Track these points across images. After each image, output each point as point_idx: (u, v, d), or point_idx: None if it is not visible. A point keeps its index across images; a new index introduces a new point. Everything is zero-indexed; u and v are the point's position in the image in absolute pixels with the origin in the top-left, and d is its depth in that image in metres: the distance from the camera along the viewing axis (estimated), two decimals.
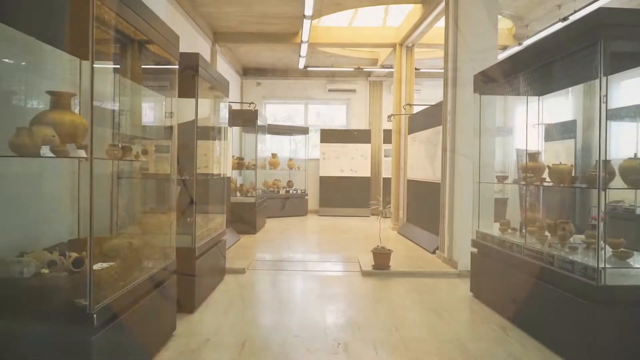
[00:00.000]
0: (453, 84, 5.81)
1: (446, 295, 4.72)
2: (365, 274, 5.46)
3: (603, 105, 2.87)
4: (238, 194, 8.87)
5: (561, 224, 3.90)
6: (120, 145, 3.24)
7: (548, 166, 3.74)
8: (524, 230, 4.21)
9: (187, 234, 4.07)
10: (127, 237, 3.50)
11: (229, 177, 7.62)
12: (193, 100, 4.23)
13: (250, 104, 7.22)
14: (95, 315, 2.19)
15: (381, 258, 5.53)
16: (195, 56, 3.96)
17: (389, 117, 12.23)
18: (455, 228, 5.73)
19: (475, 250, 4.67)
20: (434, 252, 6.55)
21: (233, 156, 8.83)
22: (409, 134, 8.88)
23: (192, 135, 4.21)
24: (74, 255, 2.59)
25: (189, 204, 5.19)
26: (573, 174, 3.60)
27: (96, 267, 2.88)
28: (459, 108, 5.70)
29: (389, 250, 5.60)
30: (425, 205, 7.59)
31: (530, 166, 4.03)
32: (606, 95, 2.83)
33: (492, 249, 4.24)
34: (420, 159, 7.91)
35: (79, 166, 3.37)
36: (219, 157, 5.38)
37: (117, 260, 2.96)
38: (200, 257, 4.11)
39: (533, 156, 4.10)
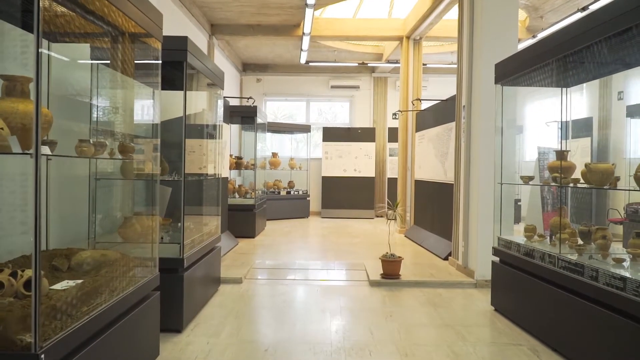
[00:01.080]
0: (468, 76, 5.33)
1: (465, 309, 4.24)
2: (373, 283, 5.00)
3: None
4: (236, 195, 8.41)
5: (599, 231, 3.42)
6: (91, 142, 2.78)
7: (586, 165, 3.26)
8: (554, 238, 3.74)
9: (175, 242, 3.61)
10: (101, 249, 3.03)
11: (226, 178, 7.16)
12: (182, 92, 3.77)
13: (248, 99, 6.75)
14: (43, 356, 1.73)
15: (391, 266, 5.06)
16: (182, 40, 3.49)
17: (394, 114, 11.79)
18: (471, 233, 5.26)
19: (496, 259, 4.20)
20: (446, 259, 6.08)
21: (231, 155, 8.37)
22: (416, 131, 8.40)
23: (182, 132, 3.72)
24: (27, 274, 2.12)
25: (178, 208, 4.74)
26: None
27: (58, 286, 2.41)
28: (475, 102, 5.22)
29: (399, 257, 5.12)
30: (435, 208, 7.12)
31: (557, 165, 3.57)
32: None
33: (519, 259, 3.76)
34: (430, 158, 7.44)
35: (47, 165, 2.89)
36: (213, 157, 4.91)
37: (87, 278, 2.49)
38: (189, 269, 3.64)
39: (562, 154, 3.63)
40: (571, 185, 3.53)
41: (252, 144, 9.01)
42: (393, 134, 11.22)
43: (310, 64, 10.78)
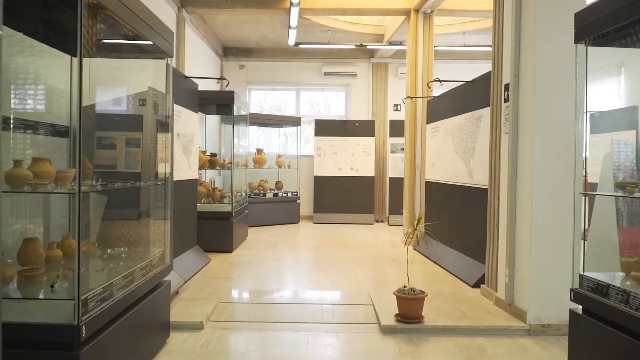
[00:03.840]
0: (515, 39, 3.91)
1: None
2: (386, 329, 3.58)
3: None
4: (211, 200, 6.95)
5: None
6: None
7: None
8: None
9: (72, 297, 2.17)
10: None
11: (195, 180, 5.71)
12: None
13: (220, 79, 5.25)
14: None
15: (411, 307, 3.64)
16: None
17: (394, 107, 10.38)
18: (519, 258, 3.86)
19: (578, 306, 2.80)
20: (476, 286, 4.69)
21: (204, 152, 6.91)
22: (428, 123, 6.99)
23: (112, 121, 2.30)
24: None
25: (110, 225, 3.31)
26: None
27: None
28: (528, 77, 3.81)
29: (422, 293, 3.71)
30: (455, 217, 5.71)
31: None
32: None
33: (625, 315, 2.36)
34: (447, 154, 6.04)
35: None
36: (166, 153, 3.47)
37: None
38: (97, 338, 2.20)
39: None
40: None
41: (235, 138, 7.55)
42: (395, 128, 9.81)
43: (301, 46, 9.32)
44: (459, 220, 5.56)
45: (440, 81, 5.57)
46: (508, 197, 3.96)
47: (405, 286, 3.72)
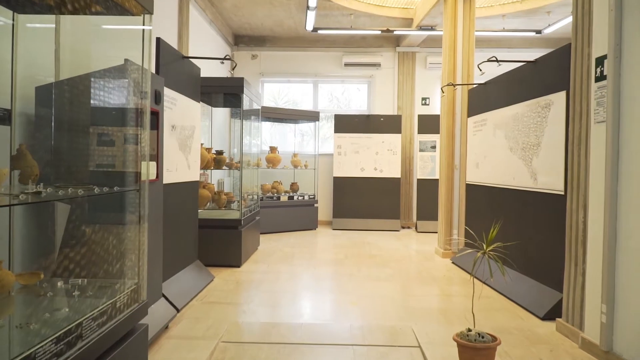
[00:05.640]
0: None
1: None
2: None
3: None
4: (216, 205, 6.03)
5: None
6: None
7: None
8: None
9: None
10: None
11: (196, 182, 4.78)
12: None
13: (224, 58, 4.27)
14: None
15: (479, 359, 2.64)
16: None
17: (423, 101, 9.37)
18: (623, 289, 2.84)
19: None
20: (548, 319, 3.67)
21: (210, 149, 5.99)
22: (470, 115, 5.98)
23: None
24: None
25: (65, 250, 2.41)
26: None
27: None
28: (633, 42, 2.79)
29: (493, 339, 2.70)
30: (513, 228, 4.69)
31: None
32: None
33: None
34: (498, 152, 5.03)
35: None
36: (140, 149, 2.54)
37: None
38: None
39: None
40: None
41: (248, 135, 6.59)
42: (424, 124, 8.81)
43: (320, 31, 8.34)
44: (518, 233, 4.54)
45: (498, 61, 4.53)
46: (605, 207, 2.94)
47: (470, 330, 2.72)
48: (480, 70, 4.76)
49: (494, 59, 4.60)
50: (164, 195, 3.78)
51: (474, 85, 5.87)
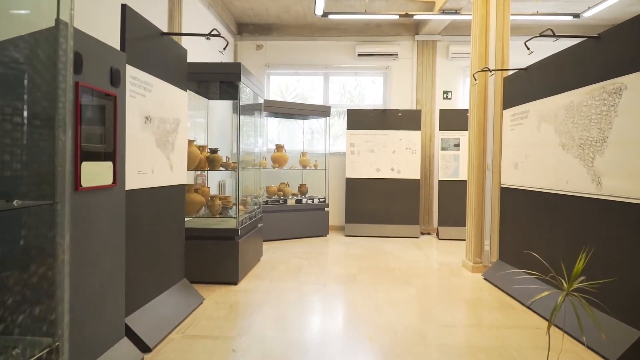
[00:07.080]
0: None
1: None
2: None
3: None
4: (208, 211, 5.26)
5: None
6: None
7: None
8: None
9: None
10: None
11: (183, 186, 4.00)
12: None
13: (209, 34, 3.47)
14: None
15: None
16: None
17: (444, 94, 8.51)
18: None
19: None
20: None
21: (203, 147, 5.22)
22: (505, 108, 5.13)
23: None
24: None
25: None
26: None
27: None
28: None
29: None
30: (567, 245, 3.84)
31: None
32: None
33: None
34: (546, 150, 4.17)
35: None
36: (56, 145, 1.75)
37: None
38: None
39: None
40: None
41: (250, 130, 5.79)
42: (446, 119, 7.95)
43: (331, 17, 7.52)
44: (574, 252, 3.69)
45: (555, 36, 3.63)
46: None
47: None
48: (528, 48, 3.90)
49: (549, 31, 3.73)
50: (133, 204, 3.00)
51: (513, 72, 5.02)
